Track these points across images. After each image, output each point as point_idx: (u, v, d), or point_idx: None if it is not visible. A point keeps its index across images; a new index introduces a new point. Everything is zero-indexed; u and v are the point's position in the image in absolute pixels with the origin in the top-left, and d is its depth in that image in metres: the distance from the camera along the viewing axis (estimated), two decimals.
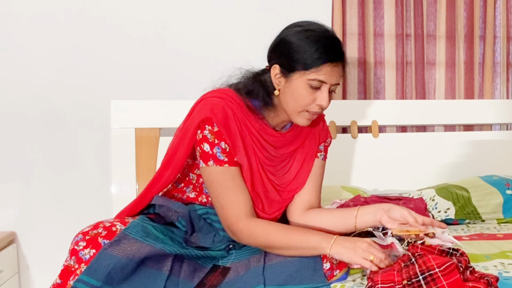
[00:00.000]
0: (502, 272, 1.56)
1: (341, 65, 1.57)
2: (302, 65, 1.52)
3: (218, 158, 1.56)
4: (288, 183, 1.70)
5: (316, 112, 1.60)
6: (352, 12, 2.77)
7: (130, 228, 1.49)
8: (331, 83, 1.55)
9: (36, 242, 2.57)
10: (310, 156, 1.75)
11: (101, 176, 2.58)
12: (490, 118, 2.84)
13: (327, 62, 1.52)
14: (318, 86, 1.54)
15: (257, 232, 1.53)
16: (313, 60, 1.51)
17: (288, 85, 1.57)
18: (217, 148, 1.56)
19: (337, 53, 1.55)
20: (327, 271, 1.47)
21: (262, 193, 1.64)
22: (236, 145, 1.58)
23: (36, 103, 2.54)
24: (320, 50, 1.51)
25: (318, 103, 1.57)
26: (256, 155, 1.63)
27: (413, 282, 1.28)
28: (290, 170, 1.72)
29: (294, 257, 1.47)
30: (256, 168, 1.63)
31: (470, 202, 2.30)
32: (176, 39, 2.63)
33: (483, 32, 2.92)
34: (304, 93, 1.55)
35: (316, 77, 1.52)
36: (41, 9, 2.52)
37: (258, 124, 1.64)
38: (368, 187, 2.64)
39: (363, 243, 1.45)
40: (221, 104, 1.58)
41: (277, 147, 1.68)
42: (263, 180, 1.64)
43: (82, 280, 1.36)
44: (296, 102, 1.57)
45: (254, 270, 1.45)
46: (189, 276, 1.47)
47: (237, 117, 1.59)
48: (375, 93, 2.84)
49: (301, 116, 1.60)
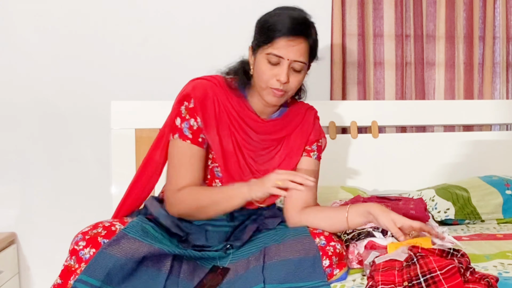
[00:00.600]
0: (502, 272, 1.56)
1: (301, 41, 1.58)
2: (261, 40, 1.59)
3: (183, 133, 1.64)
4: (266, 171, 1.69)
5: (279, 90, 1.61)
6: (352, 12, 2.77)
7: (129, 227, 1.50)
8: (289, 58, 1.57)
9: (36, 242, 2.58)
10: (295, 151, 1.76)
11: (101, 176, 2.58)
12: (489, 119, 2.84)
13: (282, 36, 1.55)
14: (277, 62, 1.58)
15: (185, 196, 1.61)
16: (270, 34, 1.56)
17: (255, 63, 1.63)
18: (185, 124, 1.64)
19: (294, 28, 1.56)
20: (326, 268, 1.48)
21: (236, 174, 1.68)
22: (208, 124, 1.64)
23: (36, 103, 2.54)
24: (276, 24, 1.56)
25: (277, 78, 1.58)
26: (233, 136, 1.68)
27: (414, 284, 1.28)
28: (273, 160, 1.74)
29: (295, 257, 1.47)
30: (232, 149, 1.67)
31: (469, 202, 2.30)
32: (176, 39, 2.64)
33: (483, 33, 2.92)
34: (264, 68, 1.59)
35: (271, 51, 1.57)
36: (41, 10, 2.52)
37: (239, 107, 1.69)
38: (367, 187, 2.65)
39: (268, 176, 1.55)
40: (203, 84, 1.67)
41: (258, 132, 1.71)
42: (239, 162, 1.68)
43: (81, 280, 1.36)
44: (259, 78, 1.62)
45: (254, 270, 1.46)
46: (188, 276, 1.48)
47: (217, 98, 1.66)
48: (374, 93, 2.84)
49: (267, 93, 1.63)
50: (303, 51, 1.59)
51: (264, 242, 1.57)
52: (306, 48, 1.60)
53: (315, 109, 1.85)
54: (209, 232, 1.63)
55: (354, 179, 2.65)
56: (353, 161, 2.66)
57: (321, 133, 1.83)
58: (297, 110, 1.80)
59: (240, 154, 1.68)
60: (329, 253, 1.50)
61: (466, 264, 1.34)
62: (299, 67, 1.60)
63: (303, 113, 1.80)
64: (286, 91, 1.63)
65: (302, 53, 1.59)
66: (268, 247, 1.52)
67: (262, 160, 1.73)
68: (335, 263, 1.50)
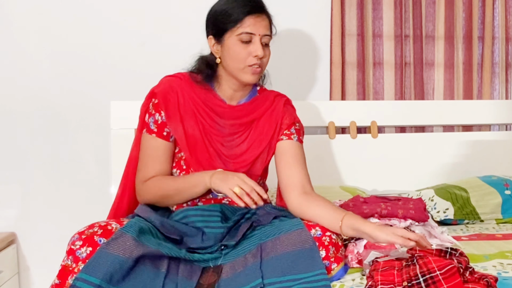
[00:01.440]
0: (501, 272, 1.57)
1: (264, 17, 1.73)
2: (228, 24, 1.69)
3: (149, 127, 1.77)
4: (237, 156, 1.78)
5: (256, 65, 1.71)
6: (351, 13, 2.78)
7: (127, 227, 1.50)
8: (260, 33, 1.70)
9: (36, 242, 2.58)
10: (264, 135, 1.81)
11: (101, 177, 2.58)
12: (488, 119, 2.85)
13: (249, 14, 1.68)
14: (248, 39, 1.69)
15: (151, 186, 1.72)
16: (236, 16, 1.69)
17: (224, 48, 1.73)
18: (151, 118, 1.76)
19: (256, 5, 1.71)
20: (323, 260, 1.48)
21: (205, 160, 1.74)
22: (171, 116, 1.73)
23: (36, 104, 2.54)
24: (239, 5, 1.68)
25: (253, 55, 1.69)
26: (201, 123, 1.76)
27: (413, 284, 1.28)
28: (242, 145, 1.80)
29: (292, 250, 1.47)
30: (200, 136, 1.75)
31: (469, 202, 2.31)
32: (176, 39, 2.64)
33: (482, 33, 2.93)
34: (238, 49, 1.70)
35: (243, 30, 1.69)
36: (41, 10, 2.52)
37: (205, 95, 1.78)
38: (367, 187, 2.65)
39: (235, 175, 1.60)
40: (169, 80, 1.81)
41: (225, 118, 1.78)
42: (207, 148, 1.75)
43: (81, 278, 1.36)
44: (235, 60, 1.71)
45: (252, 266, 1.46)
46: (187, 276, 1.48)
47: (181, 89, 1.77)
48: (374, 93, 2.84)
49: (245, 72, 1.72)
50: (268, 26, 1.74)
51: (260, 238, 1.57)
52: (268, 22, 1.75)
53: (286, 96, 1.92)
54: (205, 234, 1.64)
55: (353, 179, 2.65)
56: (352, 161, 2.67)
57: (295, 117, 1.88)
58: (265, 96, 1.87)
59: (207, 140, 1.76)
60: (326, 243, 1.51)
61: (465, 264, 1.34)
62: (267, 41, 1.74)
63: (272, 98, 1.87)
64: (261, 65, 1.73)
65: (268, 27, 1.74)
66: (265, 243, 1.52)
67: (231, 145, 1.79)
68: (332, 254, 1.50)
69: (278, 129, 1.82)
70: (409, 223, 1.77)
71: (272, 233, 1.56)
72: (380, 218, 1.78)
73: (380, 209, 1.80)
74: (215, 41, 1.76)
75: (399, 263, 1.42)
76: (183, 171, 1.77)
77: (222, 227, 1.65)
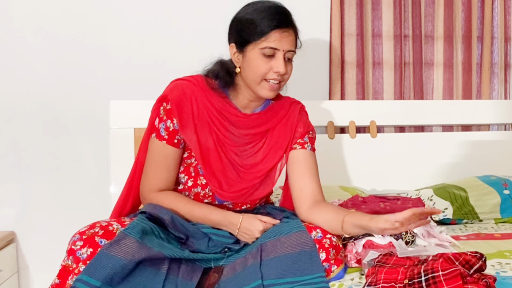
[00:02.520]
0: (500, 271, 1.57)
1: (291, 32, 1.66)
2: (252, 36, 1.63)
3: (160, 133, 1.70)
4: (252, 166, 1.75)
5: (276, 80, 1.66)
6: (351, 13, 2.78)
7: (129, 228, 1.50)
8: (284, 49, 1.64)
9: (35, 241, 2.58)
10: (280, 144, 1.79)
11: (100, 176, 2.58)
12: (487, 119, 2.85)
13: (275, 29, 1.61)
14: (271, 54, 1.63)
15: (164, 202, 1.66)
16: (262, 29, 1.61)
17: (245, 59, 1.66)
18: (162, 124, 1.70)
19: (284, 19, 1.64)
20: (323, 263, 1.48)
21: (219, 171, 1.71)
22: (184, 124, 1.68)
23: (35, 103, 2.54)
24: (266, 18, 1.61)
25: (275, 70, 1.64)
26: (214, 133, 1.71)
27: (415, 282, 1.28)
28: (257, 154, 1.77)
29: (292, 252, 1.47)
30: (213, 146, 1.70)
31: (467, 202, 2.31)
32: (176, 39, 2.64)
33: (481, 33, 2.93)
34: (260, 63, 1.64)
35: (267, 45, 1.62)
36: (40, 10, 2.52)
37: (220, 104, 1.72)
38: (366, 187, 2.65)
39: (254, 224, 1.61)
40: (181, 85, 1.72)
41: (240, 127, 1.74)
42: (221, 159, 1.71)
43: (81, 280, 1.36)
44: (254, 73, 1.65)
45: (251, 267, 1.46)
46: (187, 277, 1.48)
47: (195, 97, 1.70)
48: (373, 93, 2.85)
49: (262, 86, 1.67)
50: (294, 41, 1.68)
51: (260, 239, 1.58)
52: (294, 37, 1.68)
53: (301, 103, 1.88)
54: (212, 240, 1.64)
55: (352, 178, 2.66)
56: (351, 161, 2.67)
57: (309, 125, 1.86)
58: (281, 104, 1.83)
59: (221, 150, 1.72)
60: (326, 245, 1.51)
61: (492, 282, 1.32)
62: (291, 56, 1.68)
63: (288, 107, 1.84)
64: (281, 81, 1.69)
65: (293, 43, 1.68)
66: (265, 244, 1.52)
67: (246, 155, 1.76)
68: (332, 256, 1.51)
69: (292, 137, 1.80)
70: None
71: (272, 234, 1.56)
72: None
73: (379, 209, 1.81)
74: (236, 50, 1.69)
75: (411, 262, 1.42)
76: (191, 178, 1.73)
77: (231, 238, 1.66)
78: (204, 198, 1.74)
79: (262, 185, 1.77)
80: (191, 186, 1.74)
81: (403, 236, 1.72)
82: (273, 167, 1.78)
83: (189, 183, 1.74)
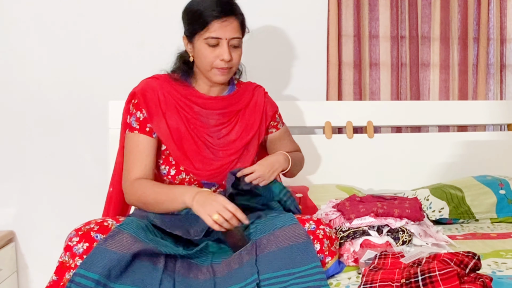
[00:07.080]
0: (496, 271, 1.58)
1: (232, 19, 1.72)
2: (196, 28, 1.71)
3: (131, 126, 1.77)
4: (226, 144, 1.82)
5: (224, 67, 1.74)
6: (348, 14, 2.79)
7: (124, 224, 1.52)
8: (226, 37, 1.71)
9: (35, 241, 2.59)
10: (251, 125, 1.88)
11: (99, 175, 2.58)
12: (483, 119, 2.87)
13: (215, 19, 1.69)
14: (216, 43, 1.72)
15: (137, 190, 1.70)
16: (203, 19, 1.69)
17: (195, 50, 1.77)
18: (133, 117, 1.77)
19: (223, 9, 1.70)
20: (318, 253, 1.50)
21: (192, 151, 1.76)
22: (153, 112, 1.75)
23: (34, 103, 2.55)
24: (208, 8, 1.69)
25: (220, 59, 1.72)
26: (184, 117, 1.78)
27: (411, 281, 1.29)
28: (231, 133, 1.84)
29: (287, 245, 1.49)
30: (185, 129, 1.77)
31: (464, 202, 2.33)
32: (175, 39, 2.64)
33: (477, 34, 2.95)
34: (206, 52, 1.73)
35: (209, 35, 1.70)
36: (40, 10, 2.52)
37: (185, 91, 1.81)
38: (363, 186, 2.67)
39: (214, 201, 1.55)
40: (147, 81, 1.83)
41: (208, 108, 1.82)
42: (194, 140, 1.78)
43: (79, 274, 1.38)
44: (203, 62, 1.74)
45: (247, 263, 1.48)
46: (185, 272, 1.50)
47: (161, 87, 1.79)
48: (370, 94, 2.86)
49: (213, 73, 1.76)
50: (237, 28, 1.74)
51: (254, 235, 1.59)
52: (237, 24, 1.75)
53: (263, 87, 1.99)
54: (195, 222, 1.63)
55: (349, 178, 2.66)
56: (348, 161, 2.68)
57: (275, 105, 2.01)
58: (245, 87, 1.94)
59: (193, 131, 1.78)
60: (320, 236, 1.54)
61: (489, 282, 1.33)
62: (237, 43, 1.75)
63: (252, 89, 1.95)
64: (230, 67, 1.77)
65: (236, 30, 1.74)
66: (259, 240, 1.54)
67: (219, 135, 1.82)
68: (326, 247, 1.53)
69: (264, 117, 1.92)
70: (404, 222, 1.79)
71: (266, 229, 1.58)
72: (376, 217, 1.80)
73: (376, 208, 1.81)
74: (187, 41, 1.80)
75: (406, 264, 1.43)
76: (172, 167, 1.78)
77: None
78: (190, 183, 1.79)
79: (239, 161, 1.83)
80: (175, 174, 1.78)
81: (400, 236, 1.74)
82: (249, 142, 1.86)
83: (172, 172, 1.79)
